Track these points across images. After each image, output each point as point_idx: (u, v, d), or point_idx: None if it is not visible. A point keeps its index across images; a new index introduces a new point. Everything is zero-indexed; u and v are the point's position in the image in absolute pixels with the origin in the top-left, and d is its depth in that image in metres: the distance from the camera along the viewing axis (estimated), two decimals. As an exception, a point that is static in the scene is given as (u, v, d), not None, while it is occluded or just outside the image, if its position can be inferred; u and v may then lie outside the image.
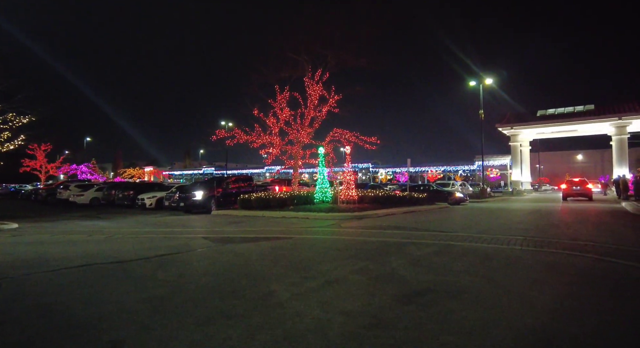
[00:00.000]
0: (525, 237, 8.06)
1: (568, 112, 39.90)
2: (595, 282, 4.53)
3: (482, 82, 30.14)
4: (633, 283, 4.53)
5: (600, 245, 7.03)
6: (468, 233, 8.72)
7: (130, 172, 57.17)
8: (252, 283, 4.54)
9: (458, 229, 9.61)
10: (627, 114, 34.34)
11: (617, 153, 35.68)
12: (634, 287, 4.40)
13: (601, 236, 8.26)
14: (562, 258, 5.93)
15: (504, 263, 5.63)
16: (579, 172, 65.12)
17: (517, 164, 41.13)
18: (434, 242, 7.49)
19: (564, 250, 6.50)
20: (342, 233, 9.16)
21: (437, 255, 6.29)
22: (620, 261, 5.64)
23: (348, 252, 6.63)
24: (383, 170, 56.06)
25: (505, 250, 6.61)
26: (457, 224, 10.83)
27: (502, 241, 7.54)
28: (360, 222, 11.54)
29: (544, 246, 6.93)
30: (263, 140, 16.65)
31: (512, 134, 41.07)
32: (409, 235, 8.55)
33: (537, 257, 6.01)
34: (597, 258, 5.89)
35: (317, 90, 16.96)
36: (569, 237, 8.12)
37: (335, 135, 17.26)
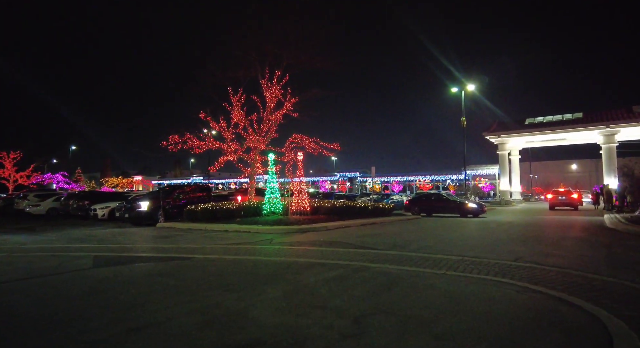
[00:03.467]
0: (462, 257, 6.88)
1: (557, 120, 38.96)
2: (486, 331, 3.34)
3: (464, 88, 29.23)
4: (532, 331, 3.34)
5: (542, 268, 5.84)
6: (401, 251, 7.53)
7: (114, 181, 55.83)
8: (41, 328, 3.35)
9: (397, 246, 8.42)
10: (615, 122, 33.39)
11: (606, 162, 34.58)
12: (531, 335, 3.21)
13: (553, 256, 7.08)
14: (482, 288, 4.74)
15: (402, 294, 4.44)
16: (574, 182, 64.05)
17: (505, 173, 40.01)
18: (347, 264, 6.30)
19: (494, 276, 5.32)
20: (262, 252, 7.97)
21: (334, 281, 5.11)
22: (551, 292, 4.45)
23: (228, 278, 5.45)
24: (371, 179, 54.92)
25: (422, 275, 5.42)
26: (402, 239, 9.63)
27: (431, 262, 6.36)
28: (299, 237, 10.35)
29: (475, 270, 5.74)
30: (210, 146, 15.45)
31: (499, 143, 40.02)
32: (331, 254, 7.36)
33: (451, 286, 4.81)
34: (523, 287, 4.69)
35: (274, 93, 15.88)
36: (515, 257, 6.93)
37: (295, 141, 16.14)
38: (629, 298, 4.24)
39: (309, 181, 63.77)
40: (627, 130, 33.87)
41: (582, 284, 4.85)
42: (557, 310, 3.87)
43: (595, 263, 6.32)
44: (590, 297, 4.27)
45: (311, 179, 64.40)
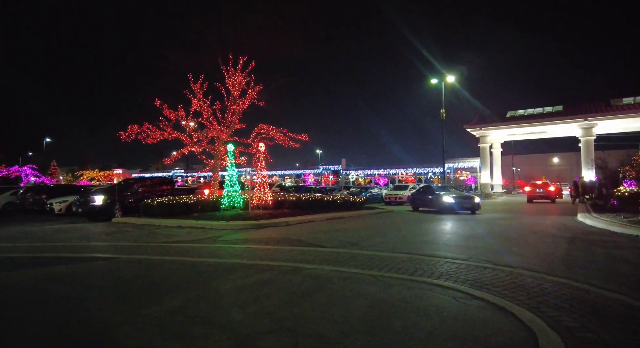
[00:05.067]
0: (412, 255, 6.30)
1: (537, 113, 38.93)
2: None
3: (444, 80, 28.74)
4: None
5: (494, 268, 5.28)
6: (350, 249, 6.92)
7: (91, 174, 54.01)
8: None
9: (350, 243, 7.81)
10: (593, 115, 33.43)
11: (584, 155, 34.72)
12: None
13: (512, 253, 6.57)
14: (417, 294, 4.14)
15: (321, 304, 3.80)
16: (555, 175, 64.70)
17: (486, 165, 39.94)
18: (281, 265, 5.64)
19: (437, 279, 4.74)
20: (198, 252, 7.25)
21: (253, 287, 4.46)
22: (493, 300, 3.87)
23: (130, 285, 4.75)
24: (354, 172, 54.44)
25: (356, 278, 4.79)
26: (359, 236, 9.02)
27: (375, 261, 5.75)
28: (253, 233, 9.66)
29: (418, 271, 5.15)
30: (166, 136, 14.52)
31: (481, 135, 39.86)
32: (271, 253, 6.71)
33: (383, 292, 4.20)
34: (464, 293, 4.11)
35: (237, 80, 15.00)
36: (469, 255, 6.38)
37: (262, 131, 15.34)
38: (575, 303, 3.69)
39: (292, 174, 62.99)
40: (604, 124, 33.98)
41: (531, 287, 4.30)
42: (492, 323, 3.28)
43: (552, 262, 5.80)
44: (535, 304, 3.71)
45: (295, 172, 63.57)
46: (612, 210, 13.73)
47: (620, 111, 32.96)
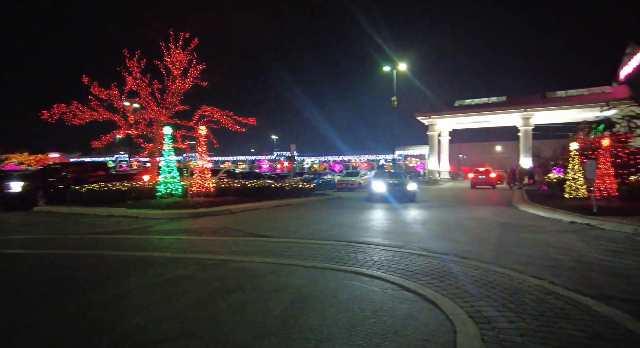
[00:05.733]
0: (349, 242, 6.15)
1: (483, 102, 40.81)
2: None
3: (395, 68, 29.04)
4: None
5: (427, 255, 5.25)
6: (288, 238, 6.65)
7: (17, 158, 48.95)
8: None
9: (290, 231, 7.55)
10: (531, 106, 35.67)
11: (523, 144, 37.13)
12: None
13: (447, 239, 6.65)
14: (344, 286, 3.95)
15: (239, 302, 3.47)
16: (498, 162, 69.02)
17: (434, 152, 41.46)
18: (208, 258, 5.22)
19: (369, 268, 4.58)
20: (119, 244, 6.61)
21: (167, 284, 4.04)
22: (421, 291, 3.76)
23: (19, 288, 4.12)
24: (309, 158, 54.31)
25: (285, 271, 4.52)
26: (301, 223, 8.80)
27: (310, 250, 5.51)
28: (190, 223, 9.09)
29: (352, 260, 4.98)
30: (96, 117, 13.25)
31: (430, 123, 41.16)
32: (202, 244, 6.25)
33: (309, 285, 3.95)
34: (393, 284, 3.98)
35: (178, 58, 13.94)
36: (405, 241, 6.36)
37: (206, 114, 14.49)
38: (499, 291, 3.66)
39: (246, 160, 61.56)
40: (541, 114, 36.42)
41: (460, 276, 4.26)
42: (415, 316, 3.14)
43: (484, 247, 5.92)
44: (460, 293, 3.64)
45: (248, 158, 62.20)
46: (543, 195, 14.68)
47: (554, 103, 35.42)
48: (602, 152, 11.10)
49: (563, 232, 7.36)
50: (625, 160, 12.96)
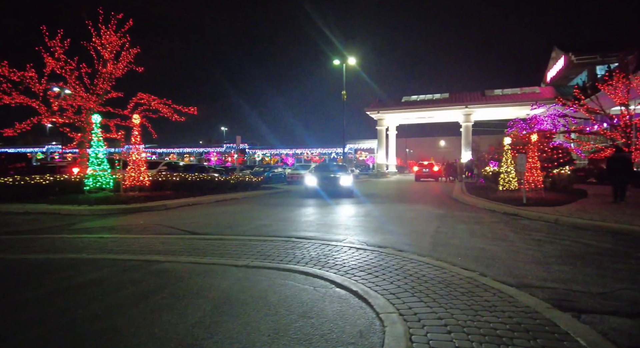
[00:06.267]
0: (290, 238, 5.92)
1: (428, 99, 42.51)
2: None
3: (345, 62, 29.16)
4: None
5: (365, 249, 5.17)
6: (225, 235, 6.27)
7: None
8: None
9: (229, 227, 7.18)
10: (471, 103, 37.77)
11: (464, 138, 39.30)
12: None
13: (387, 232, 6.67)
14: (275, 285, 3.71)
15: (151, 309, 3.09)
16: (442, 156, 72.77)
17: (382, 146, 42.57)
18: (129, 259, 4.72)
19: (306, 265, 4.39)
20: (27, 246, 5.82)
21: (75, 290, 3.54)
22: (354, 287, 3.62)
23: None
24: (260, 151, 53.35)
25: (215, 271, 4.18)
26: (241, 218, 8.44)
27: (247, 248, 5.20)
28: (120, 219, 8.33)
29: (289, 256, 4.76)
30: (7, 102, 11.66)
31: (379, 118, 42.17)
32: (126, 243, 5.67)
33: (237, 286, 3.66)
34: (328, 281, 3.81)
35: (109, 40, 12.71)
36: (345, 235, 6.27)
37: (142, 102, 13.41)
38: (431, 285, 3.63)
39: (193, 152, 59.00)
40: (480, 111, 38.74)
41: (395, 270, 4.20)
42: (346, 316, 2.97)
43: (421, 240, 5.98)
44: (394, 289, 3.56)
45: (195, 150, 59.67)
46: (480, 188, 15.53)
47: (491, 101, 37.77)
48: (531, 146, 11.88)
49: (496, 223, 7.71)
50: (550, 154, 14.06)
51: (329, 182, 13.45)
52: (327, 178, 13.69)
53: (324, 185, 13.29)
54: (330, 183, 13.41)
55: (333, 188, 13.31)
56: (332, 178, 13.68)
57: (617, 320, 2.94)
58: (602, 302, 3.31)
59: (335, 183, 13.42)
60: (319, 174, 14.27)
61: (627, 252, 5.13)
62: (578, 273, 4.14)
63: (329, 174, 14.14)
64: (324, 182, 13.44)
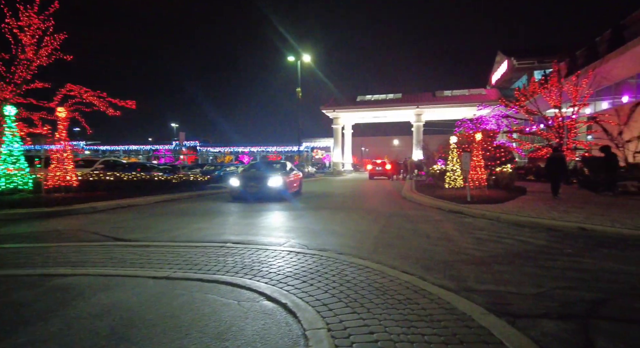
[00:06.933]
0: (226, 243, 5.46)
1: (382, 99, 43.33)
2: None
3: (300, 59, 28.80)
4: None
5: (306, 253, 4.84)
6: (150, 242, 5.68)
7: None
8: None
9: (162, 231, 6.55)
10: (422, 103, 39.01)
11: (415, 138, 40.51)
12: None
13: (331, 233, 6.41)
14: (197, 301, 3.26)
15: (38, 336, 2.53)
16: (395, 155, 74.88)
17: (338, 145, 42.80)
18: (25, 274, 4.03)
19: (236, 274, 3.98)
20: None
21: None
22: (284, 299, 3.27)
23: None
24: (213, 149, 51.56)
25: (129, 284, 3.65)
26: (178, 223, 7.82)
27: (172, 256, 4.68)
28: (36, 225, 7.36)
29: (219, 265, 4.32)
30: None
31: (335, 117, 42.32)
32: (33, 253, 4.91)
33: (151, 302, 3.17)
34: (257, 294, 3.43)
35: (29, 23, 11.33)
36: (287, 238, 5.93)
37: (72, 94, 12.13)
38: (367, 293, 3.37)
39: (138, 149, 55.66)
40: (430, 111, 40.13)
41: (333, 276, 3.90)
42: (269, 336, 2.61)
43: (365, 241, 5.77)
44: (328, 298, 3.26)
45: (143, 148, 56.39)
46: (429, 186, 15.87)
47: (441, 101, 39.25)
48: (475, 145, 12.25)
49: (440, 221, 7.74)
50: (493, 153, 14.67)
51: (255, 183, 11.63)
52: (254, 178, 11.93)
53: (249, 187, 11.55)
54: (256, 184, 11.58)
55: (258, 190, 11.46)
56: (259, 178, 11.84)
57: (549, 323, 2.85)
58: (536, 303, 3.23)
59: (262, 184, 11.56)
60: (246, 174, 12.78)
61: (560, 248, 5.25)
62: (516, 273, 4.09)
63: (258, 174, 12.41)
64: (248, 183, 11.67)
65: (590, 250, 5.12)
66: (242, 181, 11.75)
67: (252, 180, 11.79)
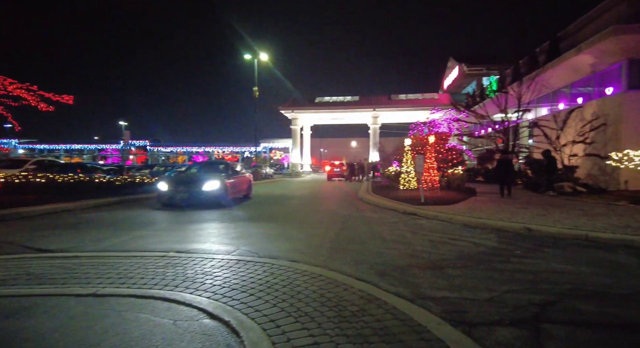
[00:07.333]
0: (167, 252, 4.99)
1: (340, 101, 43.67)
2: None
3: (257, 57, 28.20)
4: None
5: (256, 262, 4.53)
6: (79, 253, 5.07)
7: None
8: None
9: (94, 241, 5.92)
10: (379, 106, 39.84)
11: (372, 140, 41.26)
12: None
13: (285, 238, 6.13)
14: (127, 322, 2.84)
15: None
16: (353, 157, 76.01)
17: (297, 146, 42.53)
18: None
19: (175, 288, 3.58)
20: None
21: None
22: (228, 317, 2.95)
23: None
24: (165, 149, 49.21)
25: (40, 306, 3.13)
26: (117, 229, 7.16)
27: (104, 268, 4.17)
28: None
29: (157, 277, 3.89)
30: None
31: (293, 118, 42.02)
32: None
33: (68, 327, 2.72)
34: (197, 311, 3.07)
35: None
36: (237, 246, 5.57)
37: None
38: (319, 305, 3.14)
39: (82, 148, 51.75)
40: (386, 114, 41.06)
41: (282, 287, 3.63)
42: None
43: (320, 246, 5.55)
44: (275, 314, 2.98)
45: (87, 147, 52.50)
46: (384, 187, 16.07)
47: (397, 104, 40.32)
48: (428, 148, 12.54)
49: (395, 223, 7.72)
50: (445, 155, 15.15)
51: (185, 187, 10.05)
52: (186, 182, 10.37)
53: (178, 192, 9.94)
54: (187, 188, 10.00)
55: (190, 196, 9.89)
56: (192, 182, 10.30)
57: (502, 331, 2.78)
58: (489, 309, 3.17)
59: (194, 188, 9.98)
60: (179, 177, 11.45)
61: (509, 249, 5.36)
62: (469, 277, 4.06)
63: (193, 177, 10.91)
64: (178, 187, 10.08)
65: (536, 251, 5.27)
66: (172, 185, 10.16)
67: (183, 183, 10.21)
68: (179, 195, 9.90)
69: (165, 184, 10.21)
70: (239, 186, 11.94)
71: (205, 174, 11.16)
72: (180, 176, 11.59)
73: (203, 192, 9.95)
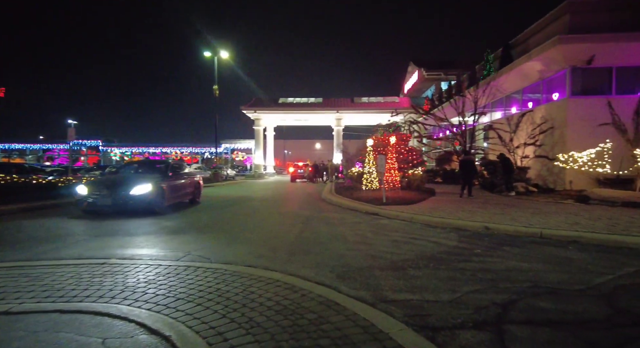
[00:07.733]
0: (109, 259, 4.50)
1: (303, 102, 43.44)
2: None
3: (217, 55, 27.32)
4: None
5: (206, 268, 4.17)
6: (29, 262, 4.46)
7: None
8: None
9: (29, 247, 5.26)
10: (342, 108, 40.10)
11: (335, 141, 41.41)
12: None
13: (240, 242, 5.79)
14: (41, 341, 2.41)
15: None
16: (317, 158, 76.16)
17: (260, 147, 41.80)
18: None
19: (111, 300, 3.15)
20: None
21: None
22: (165, 330, 2.59)
23: None
24: (118, 149, 46.57)
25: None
26: (52, 235, 6.48)
27: (30, 280, 3.62)
28: None
29: (89, 288, 3.42)
30: None
31: (256, 118, 41.26)
32: None
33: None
34: (137, 324, 2.68)
35: None
36: (187, 250, 5.16)
37: None
38: (274, 313, 2.87)
39: (24, 148, 47.72)
40: (350, 116, 41.39)
41: (235, 295, 3.32)
42: None
43: (279, 249, 5.27)
44: (224, 326, 2.68)
45: (30, 147, 48.51)
46: (347, 188, 16.03)
47: (359, 107, 40.77)
48: (390, 148, 12.62)
49: (358, 224, 7.59)
50: (406, 156, 15.37)
51: (108, 191, 8.54)
52: (110, 185, 8.78)
53: (100, 197, 8.50)
54: (109, 193, 8.51)
55: (113, 202, 8.44)
56: (117, 185, 8.78)
57: (466, 334, 2.65)
58: (452, 312, 3.05)
59: (119, 193, 8.53)
60: (104, 179, 10.13)
61: (469, 248, 5.36)
62: (431, 277, 3.95)
63: (120, 179, 9.38)
64: (100, 191, 8.58)
65: (495, 249, 5.30)
66: (93, 188, 8.63)
67: (107, 187, 8.62)
68: (101, 201, 8.44)
69: (85, 188, 8.69)
70: (182, 190, 10.59)
71: (137, 175, 9.86)
72: (107, 178, 10.27)
73: (131, 196, 8.50)
